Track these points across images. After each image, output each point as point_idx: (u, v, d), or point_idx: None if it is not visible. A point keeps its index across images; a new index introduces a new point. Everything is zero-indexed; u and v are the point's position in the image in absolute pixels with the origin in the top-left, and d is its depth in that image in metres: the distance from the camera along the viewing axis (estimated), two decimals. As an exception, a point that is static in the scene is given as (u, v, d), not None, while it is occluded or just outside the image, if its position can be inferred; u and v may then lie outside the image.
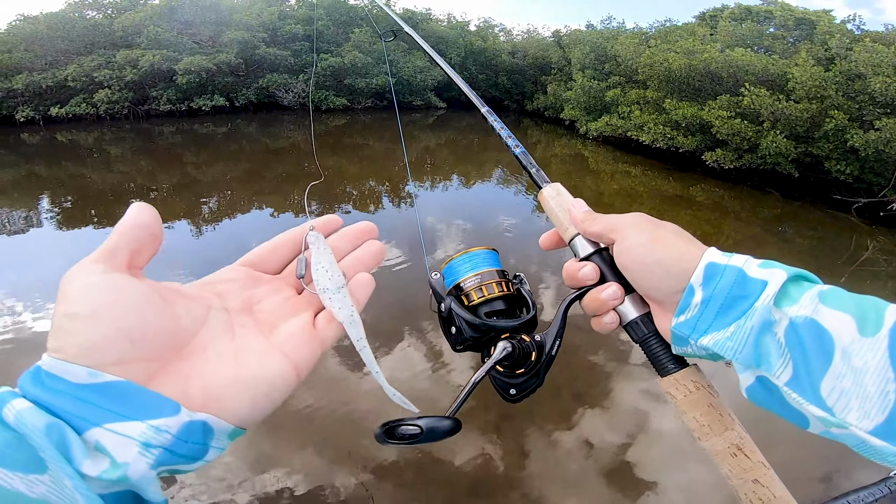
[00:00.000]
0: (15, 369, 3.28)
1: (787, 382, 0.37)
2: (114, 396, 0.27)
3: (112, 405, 0.27)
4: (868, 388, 0.34)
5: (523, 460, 2.71)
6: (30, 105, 13.93)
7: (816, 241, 7.08)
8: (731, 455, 0.43)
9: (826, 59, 9.58)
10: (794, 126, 8.87)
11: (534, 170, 0.64)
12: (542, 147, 14.26)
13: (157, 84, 15.33)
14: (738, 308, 0.40)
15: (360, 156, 11.09)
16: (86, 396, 0.27)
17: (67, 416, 0.26)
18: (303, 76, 17.10)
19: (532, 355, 0.52)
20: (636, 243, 0.46)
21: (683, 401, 0.46)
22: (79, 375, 0.27)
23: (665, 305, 0.45)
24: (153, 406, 0.28)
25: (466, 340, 0.55)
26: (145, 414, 0.27)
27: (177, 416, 0.28)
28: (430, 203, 7.94)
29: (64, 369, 0.27)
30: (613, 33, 16.25)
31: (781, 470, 0.42)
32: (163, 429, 0.28)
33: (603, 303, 0.49)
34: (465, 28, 23.06)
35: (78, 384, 0.27)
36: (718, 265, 0.42)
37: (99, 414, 0.26)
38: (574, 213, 0.54)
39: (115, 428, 0.27)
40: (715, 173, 10.11)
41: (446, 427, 0.42)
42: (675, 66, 10.89)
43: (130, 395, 0.28)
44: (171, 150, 11.66)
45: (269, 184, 8.08)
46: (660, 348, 0.48)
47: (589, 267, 0.50)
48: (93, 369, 0.27)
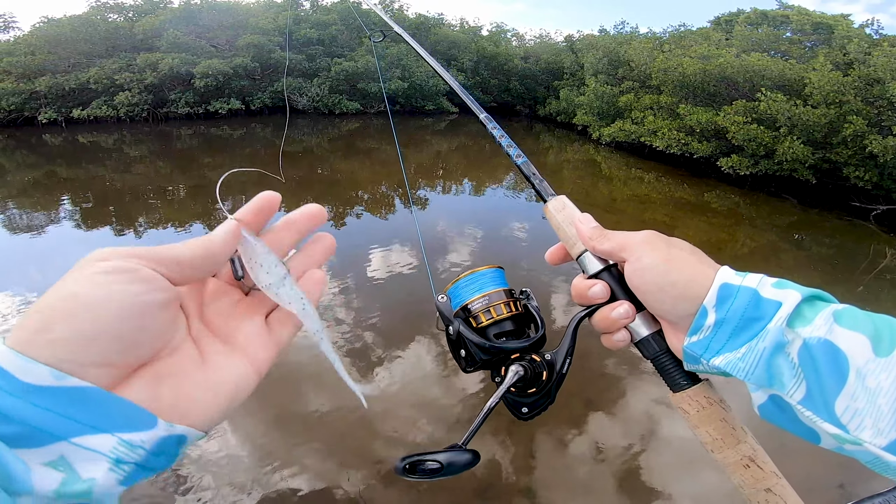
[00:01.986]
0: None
1: (800, 401, 0.38)
2: (80, 404, 0.24)
3: (78, 414, 0.24)
4: (882, 407, 0.34)
5: (532, 464, 2.71)
6: (52, 107, 14.25)
7: (834, 249, 6.95)
8: (744, 466, 0.44)
9: (844, 63, 9.44)
10: (812, 132, 8.74)
11: (537, 181, 0.61)
12: (555, 152, 14.22)
13: (175, 87, 15.60)
14: (751, 329, 0.40)
15: (373, 160, 11.17)
16: (43, 402, 0.23)
17: (18, 424, 0.22)
18: (317, 80, 17.27)
19: (543, 375, 0.52)
20: (649, 264, 0.45)
21: (696, 416, 0.46)
22: (39, 376, 0.23)
23: (677, 325, 0.45)
24: (126, 417, 0.25)
25: (476, 363, 0.54)
26: (116, 425, 0.25)
27: (153, 429, 0.26)
28: (442, 208, 7.97)
29: (22, 366, 0.23)
30: (626, 38, 16.18)
31: (797, 479, 0.43)
32: (136, 444, 0.25)
33: (614, 321, 0.48)
34: (478, 33, 23.11)
35: (37, 386, 0.23)
36: (732, 286, 0.42)
37: (62, 425, 0.23)
38: (582, 230, 0.52)
39: (82, 442, 0.24)
40: (730, 179, 9.99)
41: (466, 460, 0.42)
42: (690, 71, 10.80)
43: (99, 403, 0.25)
44: (188, 152, 11.86)
45: (281, 187, 8.18)
46: (671, 365, 0.48)
47: (599, 286, 0.49)
48: (57, 370, 0.24)
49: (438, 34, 20.65)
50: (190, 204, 7.52)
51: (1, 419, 0.22)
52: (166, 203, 7.48)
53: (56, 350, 0.24)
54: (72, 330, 0.24)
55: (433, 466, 0.41)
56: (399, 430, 2.88)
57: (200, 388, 0.30)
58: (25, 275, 4.79)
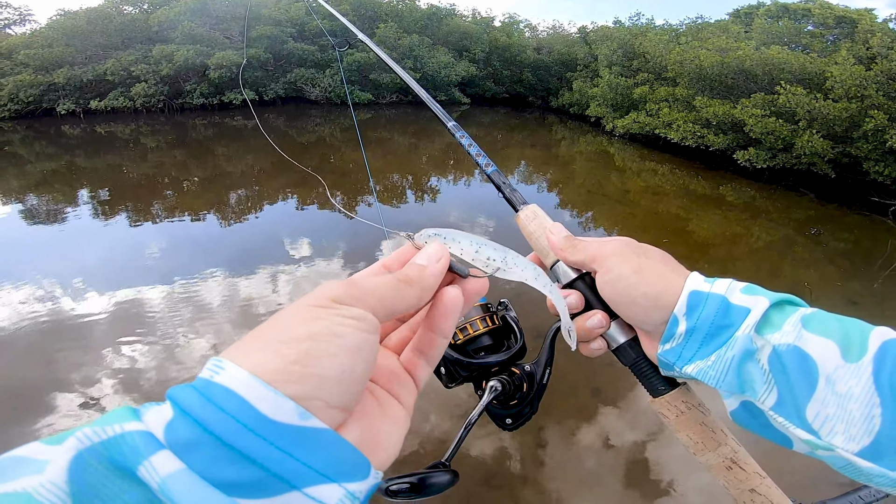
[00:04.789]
0: (52, 349, 3.48)
1: (772, 407, 0.38)
2: (315, 449, 0.22)
3: (313, 460, 0.21)
4: (853, 412, 0.35)
5: (539, 454, 2.73)
6: (71, 98, 14.48)
7: (852, 245, 6.84)
8: (727, 468, 0.45)
9: (867, 58, 9.20)
10: (832, 126, 8.56)
11: (508, 190, 0.59)
12: (567, 144, 14.11)
13: (190, 78, 15.75)
14: (720, 337, 0.40)
15: (385, 150, 11.19)
16: (285, 444, 0.21)
17: (259, 470, 0.20)
18: (329, 71, 17.30)
19: (523, 386, 0.52)
20: (619, 276, 0.45)
21: (676, 420, 0.47)
22: (287, 413, 0.21)
23: (651, 334, 0.46)
24: (351, 465, 0.23)
25: (457, 378, 0.55)
26: (343, 474, 0.22)
27: (367, 479, 0.24)
28: (453, 199, 7.99)
29: (271, 400, 0.21)
30: (642, 30, 15.91)
31: (784, 476, 0.44)
32: (356, 495, 0.23)
33: (589, 331, 0.48)
34: (490, 24, 22.87)
35: (281, 424, 0.21)
36: (701, 293, 0.42)
37: (299, 472, 0.21)
38: (552, 241, 0.51)
39: (314, 493, 0.21)
40: (746, 173, 9.84)
41: (445, 481, 0.43)
42: (707, 63, 10.61)
43: (330, 448, 0.22)
44: (203, 142, 12.00)
45: (295, 176, 8.26)
46: (649, 371, 0.48)
47: (573, 296, 0.49)
48: (303, 408, 0.21)
49: (450, 25, 20.48)
50: (206, 193, 7.63)
51: (239, 463, 0.20)
52: (182, 193, 7.61)
53: (307, 386, 0.22)
54: (334, 369, 0.23)
55: (409, 488, 0.41)
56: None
57: (387, 428, 0.29)
58: (44, 265, 4.92)
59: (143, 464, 0.19)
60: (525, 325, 0.59)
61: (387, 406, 0.30)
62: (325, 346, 0.23)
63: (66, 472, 0.18)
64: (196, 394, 0.21)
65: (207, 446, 0.19)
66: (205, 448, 0.19)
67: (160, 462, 0.19)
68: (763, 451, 0.45)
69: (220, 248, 5.40)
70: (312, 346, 0.23)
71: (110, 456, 0.19)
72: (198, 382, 0.21)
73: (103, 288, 4.31)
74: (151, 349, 3.48)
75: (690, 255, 5.76)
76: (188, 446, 0.19)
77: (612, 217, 7.12)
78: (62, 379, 3.16)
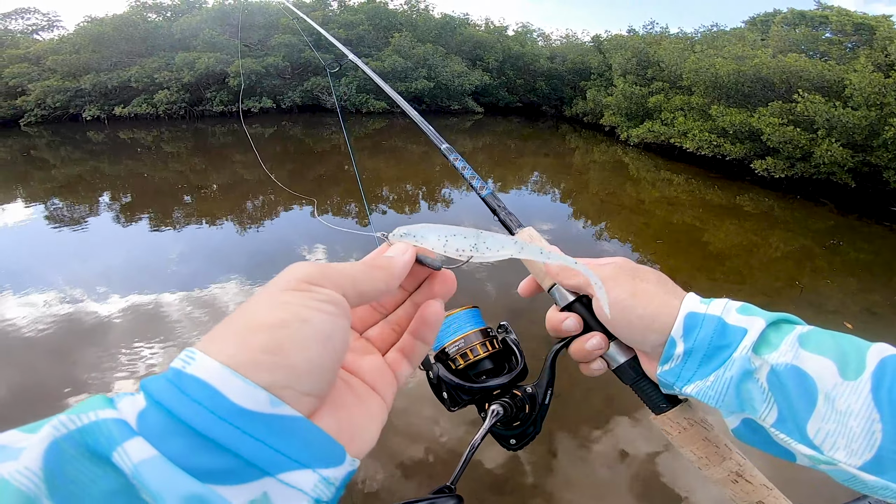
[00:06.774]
0: (75, 347, 3.58)
1: (773, 424, 0.39)
2: (288, 436, 0.22)
3: (286, 447, 0.22)
4: (854, 428, 0.36)
5: (550, 461, 2.71)
6: (96, 104, 14.91)
7: (872, 256, 6.69)
8: (732, 482, 0.45)
9: (886, 65, 9.05)
10: (852, 134, 8.42)
11: (504, 213, 0.60)
12: (581, 153, 14.07)
13: (210, 86, 16.11)
14: (718, 358, 0.41)
15: (398, 158, 11.31)
16: (257, 432, 0.21)
17: (232, 458, 0.20)
18: (345, 79, 17.56)
19: (525, 408, 0.53)
20: (615, 299, 0.45)
21: (678, 437, 0.47)
22: (258, 401, 0.21)
23: (650, 354, 0.46)
24: (324, 452, 0.24)
25: (459, 402, 0.56)
26: (317, 460, 0.23)
27: (342, 465, 0.24)
28: (468, 207, 8.03)
29: (240, 389, 0.21)
30: (656, 38, 15.89)
31: (793, 486, 0.45)
32: (331, 481, 0.23)
33: (589, 353, 0.49)
34: (503, 33, 23.02)
35: (252, 412, 0.21)
36: (698, 315, 0.43)
37: (272, 459, 0.21)
38: (549, 265, 0.52)
39: (287, 478, 0.22)
40: (764, 182, 9.71)
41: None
42: (723, 71, 10.53)
43: (303, 435, 0.23)
44: (222, 150, 12.25)
45: (309, 184, 8.39)
46: (650, 389, 0.49)
47: (571, 319, 0.50)
48: (274, 396, 0.22)
49: (464, 34, 20.69)
50: (223, 200, 7.79)
51: (211, 451, 0.20)
52: (200, 200, 7.77)
53: (277, 375, 0.22)
54: (304, 356, 0.23)
55: None
56: (395, 454, 2.76)
57: (364, 419, 0.29)
58: (68, 268, 5.07)
59: (117, 450, 0.19)
60: (525, 346, 0.60)
61: (365, 399, 0.30)
62: (295, 333, 0.23)
63: (41, 459, 0.18)
64: (168, 384, 0.21)
65: (180, 435, 0.20)
66: (177, 437, 0.20)
67: (133, 448, 0.19)
68: (772, 465, 0.46)
69: (237, 254, 5.51)
70: (283, 333, 0.23)
71: (85, 442, 0.19)
72: (170, 373, 0.22)
73: (123, 291, 4.42)
74: (167, 352, 3.56)
75: (705, 266, 5.70)
76: (161, 435, 0.20)
77: (627, 227, 7.09)
78: (80, 379, 3.25)
